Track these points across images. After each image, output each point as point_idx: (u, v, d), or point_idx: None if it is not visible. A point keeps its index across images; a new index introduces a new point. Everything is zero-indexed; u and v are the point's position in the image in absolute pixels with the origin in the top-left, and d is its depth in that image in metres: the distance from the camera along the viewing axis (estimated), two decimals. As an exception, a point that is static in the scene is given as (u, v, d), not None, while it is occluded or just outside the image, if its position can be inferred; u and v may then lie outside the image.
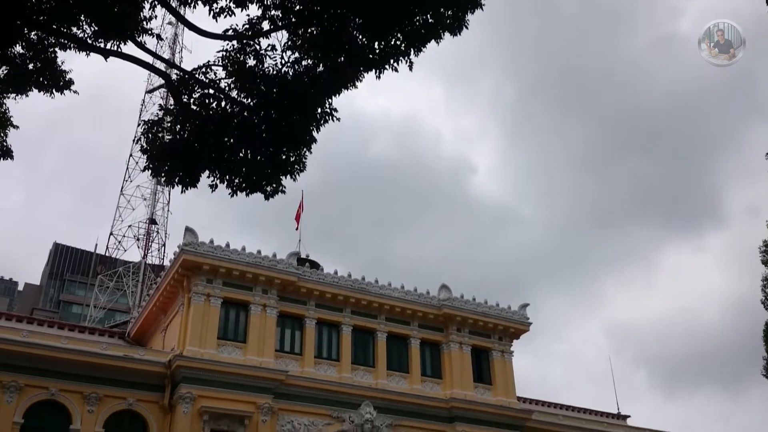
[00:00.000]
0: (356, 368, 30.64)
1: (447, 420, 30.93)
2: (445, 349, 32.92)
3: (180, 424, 25.61)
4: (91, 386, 25.86)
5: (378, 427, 29.06)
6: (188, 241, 28.53)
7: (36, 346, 25.44)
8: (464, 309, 33.30)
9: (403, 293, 32.69)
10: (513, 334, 34.62)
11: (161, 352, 28.39)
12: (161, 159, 11.62)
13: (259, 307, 29.24)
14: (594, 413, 42.19)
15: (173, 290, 29.98)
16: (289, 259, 30.52)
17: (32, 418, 24.87)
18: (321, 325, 30.90)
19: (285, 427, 27.63)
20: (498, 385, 33.05)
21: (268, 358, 28.31)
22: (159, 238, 71.87)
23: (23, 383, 24.92)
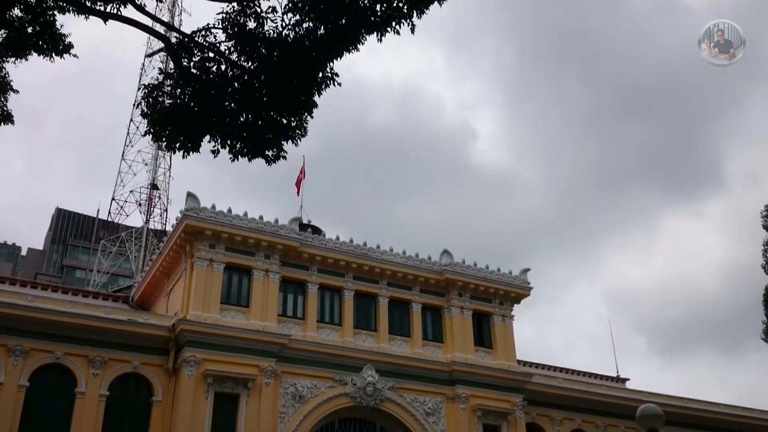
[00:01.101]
0: (358, 332, 30.92)
1: (448, 383, 31.31)
2: (447, 313, 33.16)
3: (184, 386, 25.95)
4: (96, 350, 26.15)
5: (380, 389, 29.43)
6: (190, 207, 28.56)
7: (40, 311, 25.66)
8: (465, 274, 33.46)
9: (405, 258, 32.82)
10: (514, 298, 34.84)
11: (165, 317, 28.64)
12: (162, 123, 11.56)
13: (262, 272, 29.39)
14: (593, 376, 42.70)
15: (176, 255, 30.12)
16: (291, 225, 30.58)
17: (38, 381, 25.20)
18: (323, 290, 31.10)
19: (288, 390, 28.00)
20: (498, 348, 33.37)
21: (271, 323, 28.56)
22: (161, 204, 71.97)
23: (28, 347, 25.20)
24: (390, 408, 29.71)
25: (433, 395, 30.86)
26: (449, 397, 31.04)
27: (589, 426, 35.21)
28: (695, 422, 36.85)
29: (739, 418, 39.53)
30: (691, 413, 37.36)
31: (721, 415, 38.74)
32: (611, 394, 36.51)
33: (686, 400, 38.52)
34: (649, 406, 8.61)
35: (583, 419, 35.11)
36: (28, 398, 24.73)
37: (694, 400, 39.06)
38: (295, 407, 27.84)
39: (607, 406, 35.52)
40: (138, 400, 26.59)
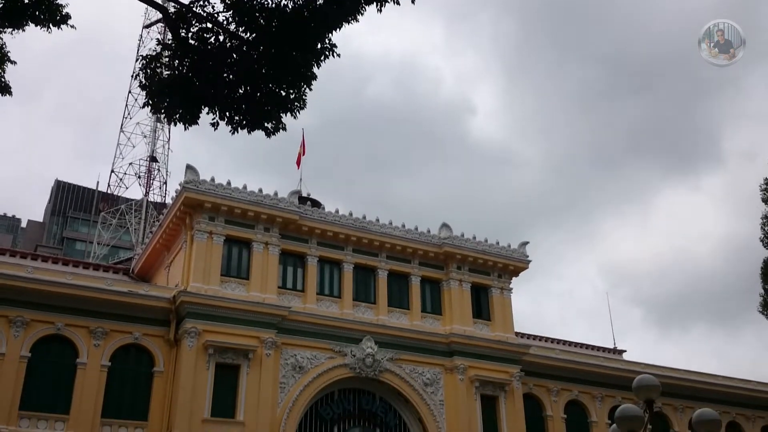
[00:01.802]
0: (357, 305, 31.09)
1: (446, 354, 31.57)
2: (445, 286, 33.32)
3: (186, 357, 26.17)
4: (97, 321, 26.32)
5: (379, 361, 29.69)
6: (189, 179, 28.53)
7: (41, 282, 25.76)
8: (464, 247, 33.55)
9: (404, 232, 32.88)
10: (512, 271, 34.98)
11: (165, 288, 28.77)
12: (160, 95, 11.50)
13: (262, 244, 29.46)
14: (591, 348, 43.07)
15: (176, 228, 30.16)
16: (290, 198, 30.58)
17: (39, 352, 25.39)
18: (323, 262, 31.20)
19: (288, 361, 28.25)
20: (496, 321, 33.59)
21: (270, 295, 28.70)
22: (160, 176, 71.90)
23: (29, 318, 25.35)
24: (389, 379, 30.00)
25: (431, 366, 31.14)
26: (447, 368, 31.33)
27: (586, 397, 35.59)
28: (692, 394, 37.23)
29: (737, 389, 39.92)
30: (688, 384, 37.73)
31: (719, 387, 39.12)
32: (608, 366, 36.83)
33: (683, 372, 38.87)
34: (645, 376, 8.68)
35: (580, 390, 35.48)
36: (29, 369, 24.95)
37: (691, 372, 39.42)
38: (295, 378, 28.11)
39: (603, 378, 35.87)
40: (139, 370, 26.83)
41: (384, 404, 30.30)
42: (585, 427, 35.13)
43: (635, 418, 8.32)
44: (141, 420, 25.98)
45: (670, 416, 37.11)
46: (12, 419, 23.96)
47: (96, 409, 25.24)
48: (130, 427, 25.76)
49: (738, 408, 39.55)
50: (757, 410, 40.46)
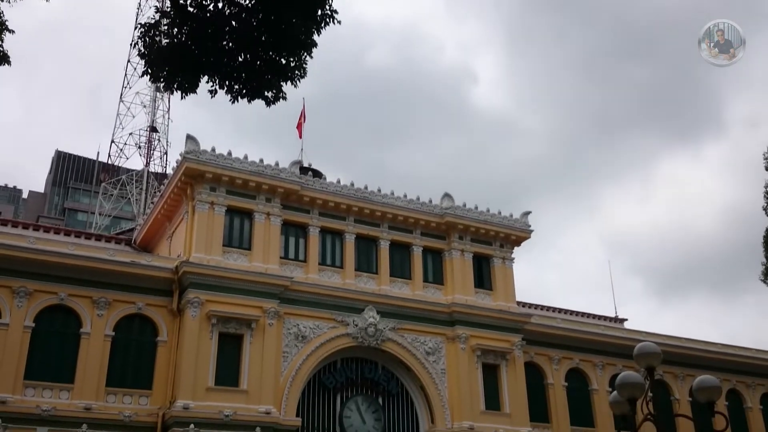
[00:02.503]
0: (359, 275, 31.17)
1: (448, 324, 31.74)
2: (447, 256, 33.36)
3: (189, 327, 26.34)
4: (100, 291, 26.43)
5: (381, 330, 29.86)
6: (190, 149, 28.42)
7: (43, 252, 25.81)
8: (466, 217, 33.52)
9: (406, 202, 32.83)
10: (514, 241, 34.99)
11: (168, 259, 28.84)
12: (159, 63, 11.37)
13: (263, 215, 29.45)
14: (592, 317, 43.28)
15: (177, 198, 30.13)
16: (291, 168, 30.49)
17: (43, 322, 25.55)
18: (324, 233, 31.22)
19: (291, 330, 28.43)
20: (498, 290, 33.70)
21: (273, 265, 28.78)
22: (161, 146, 71.72)
23: (32, 288, 25.45)
24: (391, 348, 30.20)
25: (433, 335, 31.33)
26: (449, 338, 31.52)
27: (587, 365, 35.85)
28: (693, 362, 37.47)
29: (737, 357, 40.18)
30: (689, 353, 37.97)
31: (719, 355, 39.35)
32: (609, 334, 37.05)
33: (684, 340, 39.09)
34: (646, 344, 8.70)
35: (581, 358, 35.73)
36: (33, 339, 25.13)
37: (692, 340, 39.63)
38: (297, 347, 28.31)
39: (605, 346, 36.09)
40: (143, 340, 27.02)
41: (386, 373, 30.55)
42: (586, 395, 35.46)
43: (636, 385, 8.36)
44: (145, 389, 26.23)
45: (671, 384, 37.43)
46: (17, 388, 24.20)
47: (100, 378, 25.47)
48: (134, 395, 26.01)
49: (738, 375, 39.86)
50: (757, 378, 40.77)
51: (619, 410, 8.83)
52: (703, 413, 9.78)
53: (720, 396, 8.91)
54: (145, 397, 26.12)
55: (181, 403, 25.07)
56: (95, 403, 24.98)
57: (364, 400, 29.76)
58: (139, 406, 25.84)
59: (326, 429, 28.67)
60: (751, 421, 39.79)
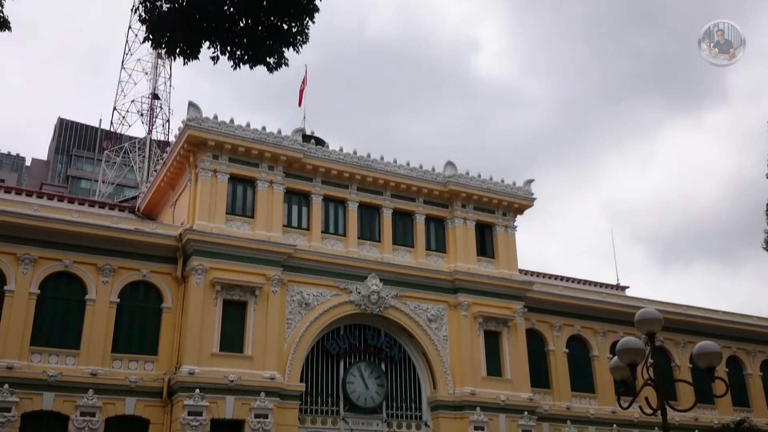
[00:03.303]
0: (362, 243, 31.26)
1: (450, 291, 31.91)
2: (450, 224, 33.40)
3: (193, 294, 26.52)
4: (104, 258, 26.57)
5: (384, 297, 30.04)
6: (192, 117, 28.32)
7: (47, 220, 25.89)
8: (469, 185, 33.47)
9: (409, 170, 32.76)
10: (517, 209, 34.98)
11: (172, 226, 28.93)
12: (160, 29, 11.24)
13: (266, 183, 29.44)
14: (593, 284, 43.44)
15: (180, 166, 30.11)
16: (294, 136, 30.39)
17: (48, 289, 25.75)
18: (327, 201, 31.23)
19: (294, 298, 28.62)
20: (500, 258, 33.80)
21: (276, 233, 28.85)
22: (162, 114, 71.49)
23: (37, 255, 25.59)
24: (393, 315, 30.42)
25: (435, 303, 31.53)
26: (451, 305, 31.71)
27: (588, 332, 36.11)
28: (693, 328, 37.69)
29: (737, 324, 40.42)
30: (690, 320, 38.19)
31: (719, 322, 39.57)
32: (610, 301, 37.24)
33: (684, 307, 39.28)
34: (647, 310, 8.75)
35: (582, 325, 35.98)
36: (39, 305, 25.35)
37: (692, 307, 39.84)
38: (301, 314, 28.53)
39: (606, 313, 36.31)
40: (148, 307, 27.24)
41: (389, 339, 30.81)
42: (587, 361, 35.79)
43: (636, 350, 8.42)
44: (151, 354, 26.52)
45: (672, 351, 37.73)
46: (23, 354, 24.48)
47: (106, 344, 25.74)
48: (140, 361, 26.30)
49: (738, 342, 40.15)
50: (757, 345, 41.08)
51: (619, 375, 8.92)
52: (704, 380, 9.88)
53: (720, 361, 8.98)
54: (151, 363, 26.41)
55: (186, 368, 25.37)
56: (101, 368, 25.28)
57: (367, 366, 30.06)
58: (145, 371, 26.15)
59: (329, 394, 29.04)
60: (750, 388, 40.19)
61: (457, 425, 29.81)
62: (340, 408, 29.01)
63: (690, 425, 36.36)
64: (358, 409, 29.16)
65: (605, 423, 34.33)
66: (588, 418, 34.05)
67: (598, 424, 34.22)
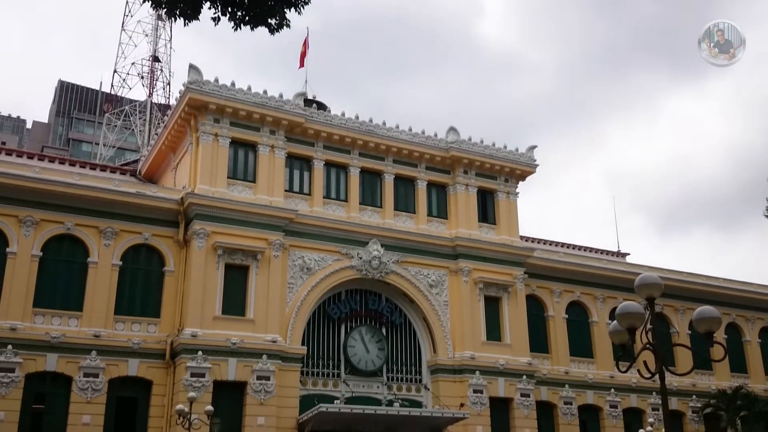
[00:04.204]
0: (364, 208, 31.26)
1: (452, 257, 32.00)
2: (451, 190, 33.35)
3: (195, 258, 26.62)
4: (106, 221, 26.61)
5: (385, 263, 30.15)
6: (193, 80, 28.09)
7: (49, 182, 25.87)
8: (471, 151, 33.33)
9: (411, 135, 32.59)
10: (519, 175, 34.88)
11: (173, 190, 28.90)
12: (160, -11, 11.05)
13: (267, 147, 29.33)
14: (594, 251, 43.53)
15: (181, 129, 29.97)
16: (295, 100, 30.17)
17: (50, 251, 25.84)
18: (329, 166, 31.14)
19: (296, 263, 28.73)
20: (502, 224, 33.82)
21: (277, 198, 28.84)
22: (163, 77, 70.95)
23: (39, 218, 25.62)
24: (395, 280, 30.56)
25: (436, 268, 31.64)
26: (452, 271, 31.83)
27: (588, 298, 36.31)
28: (693, 295, 37.81)
29: (737, 291, 40.59)
30: (689, 286, 38.32)
31: (719, 288, 39.72)
32: (611, 268, 37.36)
33: (685, 274, 39.40)
34: (648, 274, 8.75)
35: (583, 291, 36.16)
36: (41, 267, 25.47)
37: (693, 274, 39.97)
38: (303, 278, 28.67)
39: (606, 279, 36.47)
40: (150, 270, 27.37)
41: (390, 304, 31.00)
42: (586, 327, 36.06)
43: (636, 314, 8.46)
44: (153, 317, 26.73)
45: (671, 317, 37.97)
46: (26, 316, 24.67)
47: (109, 306, 25.92)
48: (143, 323, 26.52)
49: (738, 309, 40.38)
50: (756, 312, 41.31)
51: (618, 340, 8.96)
52: (702, 346, 9.89)
53: (719, 327, 9.01)
54: (154, 325, 26.63)
55: (189, 330, 25.58)
56: (104, 330, 25.50)
57: (368, 330, 30.31)
58: (148, 333, 26.38)
59: (331, 358, 29.32)
60: (749, 355, 40.54)
61: (457, 388, 30.15)
62: (341, 371, 29.33)
63: (688, 391, 36.79)
64: (358, 372, 29.48)
65: (603, 387, 34.74)
66: (586, 383, 34.42)
67: (596, 389, 34.62)
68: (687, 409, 36.81)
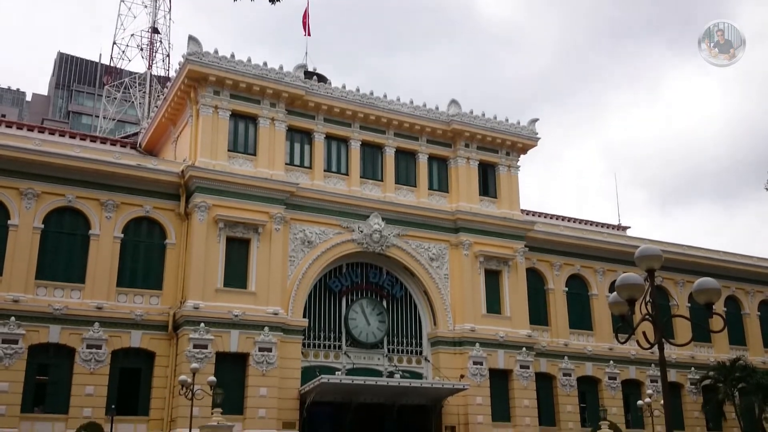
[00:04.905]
0: (365, 182, 31.23)
1: (452, 231, 32.05)
2: (453, 164, 33.28)
3: (197, 231, 26.67)
4: (107, 193, 26.62)
5: (386, 236, 30.19)
6: (193, 51, 27.88)
7: (50, 155, 25.84)
8: (473, 124, 33.19)
9: (412, 108, 32.42)
10: (521, 149, 34.78)
11: (174, 163, 28.86)
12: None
13: (268, 120, 29.21)
14: (595, 224, 43.55)
15: (181, 101, 29.83)
16: (296, 72, 29.97)
17: (52, 224, 25.89)
18: (330, 139, 31.05)
19: (297, 236, 28.79)
20: (503, 198, 33.81)
21: (278, 171, 28.79)
22: (162, 49, 70.40)
23: (40, 190, 25.62)
24: (395, 253, 30.64)
25: (437, 242, 31.70)
26: (453, 244, 31.90)
27: (588, 271, 36.42)
28: (693, 268, 37.88)
29: (737, 264, 40.69)
30: (689, 259, 38.40)
31: (719, 261, 39.79)
32: (611, 241, 37.42)
33: (685, 247, 39.48)
34: (648, 246, 8.76)
35: (583, 264, 36.27)
36: (43, 239, 25.54)
37: (693, 247, 40.05)
38: (304, 252, 28.75)
39: (606, 252, 36.55)
40: (152, 242, 27.45)
41: (390, 277, 31.12)
42: (585, 300, 36.23)
43: (635, 286, 8.49)
44: (156, 289, 26.85)
45: (671, 290, 38.11)
46: (29, 288, 24.78)
47: (111, 278, 26.04)
48: (145, 295, 26.66)
49: (738, 282, 40.53)
50: (756, 285, 41.47)
51: (617, 311, 9.00)
52: (702, 319, 9.92)
53: (719, 298, 9.03)
54: (156, 297, 26.77)
55: (191, 303, 25.72)
56: (106, 302, 25.64)
57: (369, 303, 30.47)
58: (150, 305, 26.53)
59: (332, 330, 29.52)
60: (748, 327, 40.78)
61: (457, 360, 30.40)
62: (342, 343, 29.55)
63: (686, 363, 37.07)
64: (359, 344, 29.71)
65: (602, 359, 35.01)
66: (585, 355, 34.69)
67: (595, 361, 34.89)
68: (685, 381, 37.13)
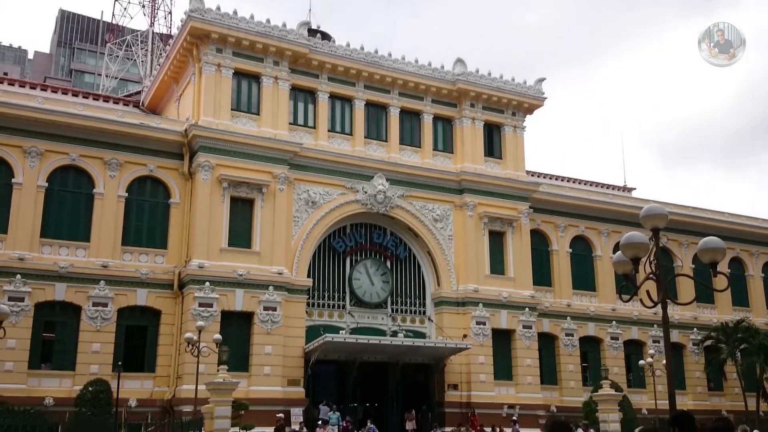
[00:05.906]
0: (369, 142, 31.04)
1: (457, 192, 31.95)
2: (458, 124, 33.02)
3: (201, 190, 26.64)
4: (111, 152, 26.56)
5: (390, 197, 30.13)
6: (195, 7, 27.50)
7: (52, 113, 25.72)
8: (479, 84, 32.82)
9: (417, 67, 32.04)
10: (527, 109, 34.45)
11: (177, 122, 28.69)
12: None
13: (271, 79, 28.92)
14: (600, 186, 43.35)
15: (183, 59, 29.51)
16: (299, 30, 29.57)
17: (56, 182, 25.91)
18: (334, 99, 30.78)
19: (301, 196, 28.75)
20: (508, 159, 33.62)
21: (282, 131, 28.62)
22: (164, 6, 69.46)
23: (43, 149, 25.57)
24: (399, 214, 30.61)
25: (441, 203, 31.64)
26: (457, 205, 31.83)
27: (593, 232, 36.38)
28: (697, 230, 37.65)
29: (741, 225, 40.59)
30: (694, 221, 38.23)
31: (724, 223, 39.63)
32: (616, 202, 37.29)
33: (690, 208, 39.33)
34: (653, 205, 8.67)
35: (587, 226, 36.21)
36: (48, 198, 25.58)
37: (698, 208, 39.92)
38: (308, 212, 28.74)
39: (611, 214, 36.44)
40: (156, 202, 27.48)
41: (394, 238, 31.16)
42: (589, 261, 36.27)
43: (640, 245, 8.42)
44: (160, 248, 26.95)
45: (675, 251, 38.09)
46: (34, 246, 24.90)
47: (116, 237, 26.14)
48: (150, 254, 26.77)
49: (742, 244, 40.47)
50: (760, 246, 41.42)
51: (621, 270, 8.95)
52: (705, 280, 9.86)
53: (723, 257, 8.98)
54: (161, 256, 26.89)
55: (196, 262, 25.84)
56: (111, 261, 25.77)
57: (373, 263, 30.57)
58: (155, 264, 26.66)
59: (336, 290, 29.68)
60: (751, 289, 40.87)
61: (460, 320, 30.60)
62: (346, 302, 29.73)
63: (689, 323, 37.25)
64: (363, 304, 29.90)
65: (605, 320, 35.19)
66: (588, 315, 34.86)
67: (598, 321, 35.09)
68: (688, 341, 37.35)
